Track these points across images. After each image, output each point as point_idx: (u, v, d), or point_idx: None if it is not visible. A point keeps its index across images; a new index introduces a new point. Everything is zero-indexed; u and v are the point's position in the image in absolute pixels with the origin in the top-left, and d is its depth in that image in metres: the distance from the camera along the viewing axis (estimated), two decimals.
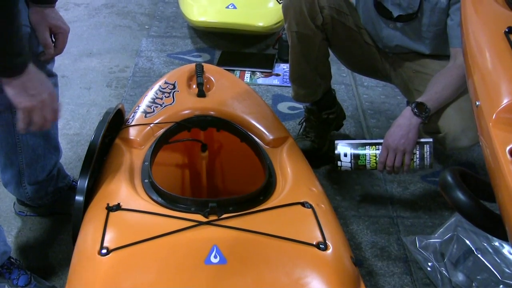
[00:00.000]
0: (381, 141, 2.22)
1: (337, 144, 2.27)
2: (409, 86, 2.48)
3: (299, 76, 2.56)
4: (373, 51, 2.52)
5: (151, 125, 2.01)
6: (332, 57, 2.58)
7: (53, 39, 1.96)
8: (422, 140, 2.21)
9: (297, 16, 2.36)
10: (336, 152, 2.27)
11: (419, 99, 2.20)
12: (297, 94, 2.63)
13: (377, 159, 2.23)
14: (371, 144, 2.25)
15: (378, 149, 2.22)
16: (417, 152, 2.20)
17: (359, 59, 2.59)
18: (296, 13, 2.35)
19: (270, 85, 3.39)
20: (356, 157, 2.25)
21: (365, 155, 2.24)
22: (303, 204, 1.66)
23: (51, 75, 2.07)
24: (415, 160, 2.21)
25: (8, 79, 1.57)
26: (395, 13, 2.36)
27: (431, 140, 2.22)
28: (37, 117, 1.66)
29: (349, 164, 2.26)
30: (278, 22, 3.60)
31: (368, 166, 2.25)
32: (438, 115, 2.22)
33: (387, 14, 2.38)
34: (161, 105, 2.10)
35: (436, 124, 2.23)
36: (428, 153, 2.20)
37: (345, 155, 2.26)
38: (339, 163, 2.27)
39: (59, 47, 1.98)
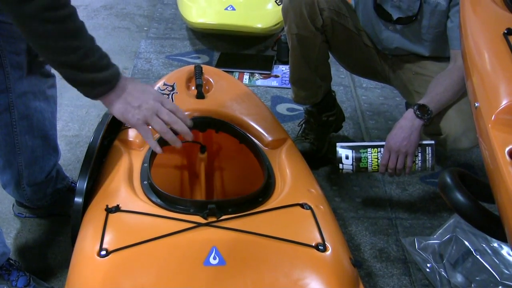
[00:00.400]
0: (383, 143, 2.22)
1: (339, 146, 2.27)
2: (409, 88, 2.49)
3: (299, 78, 2.56)
4: (373, 53, 2.52)
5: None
6: (331, 59, 2.58)
7: None
8: (424, 142, 2.20)
9: (297, 18, 2.36)
10: (337, 155, 2.26)
11: (420, 101, 2.20)
12: (297, 96, 2.63)
13: (379, 161, 2.22)
14: (372, 147, 2.25)
15: (380, 152, 2.22)
16: (419, 154, 2.20)
17: (358, 61, 2.59)
18: (296, 16, 2.35)
19: (269, 87, 3.39)
20: (357, 159, 2.24)
21: (366, 157, 2.24)
22: (302, 205, 1.66)
23: (50, 75, 2.08)
24: (417, 162, 2.21)
25: (103, 99, 1.59)
26: (395, 15, 2.36)
27: (433, 142, 2.22)
28: (158, 126, 1.64)
29: (351, 167, 2.26)
30: (277, 24, 3.61)
31: (369, 168, 2.25)
32: (439, 117, 2.23)
33: (387, 17, 2.38)
34: None
35: (437, 126, 2.23)
36: (430, 155, 2.20)
37: (347, 157, 2.25)
38: (340, 165, 2.27)
39: None
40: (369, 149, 2.24)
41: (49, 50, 1.54)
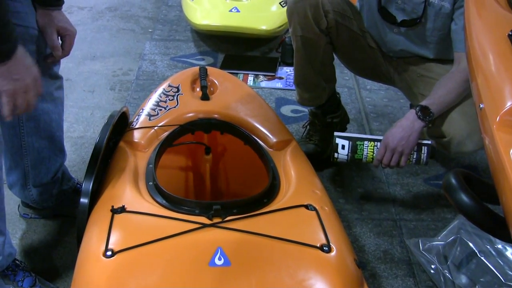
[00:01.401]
0: (381, 138, 2.24)
1: (336, 136, 2.29)
2: (414, 89, 2.49)
3: (304, 80, 2.56)
4: (377, 55, 2.53)
5: (155, 128, 2.02)
6: (335, 61, 2.58)
7: (60, 41, 1.97)
8: (422, 141, 2.21)
9: (301, 20, 2.36)
10: (334, 143, 2.28)
11: (423, 103, 2.21)
12: (301, 98, 2.64)
13: (374, 155, 2.24)
14: (370, 140, 2.26)
15: (377, 146, 2.24)
16: (415, 152, 2.22)
17: (363, 63, 2.59)
18: (301, 18, 2.36)
19: (273, 88, 3.39)
20: (353, 150, 2.26)
21: (362, 149, 2.25)
22: (306, 206, 1.66)
23: (57, 77, 2.09)
24: (411, 159, 2.23)
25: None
26: (399, 18, 2.37)
27: (430, 142, 2.23)
28: (20, 101, 1.66)
29: (346, 157, 2.28)
30: (281, 26, 3.61)
31: (364, 160, 2.27)
32: (443, 120, 2.23)
33: (391, 19, 2.38)
34: (165, 108, 2.10)
35: (440, 129, 2.24)
36: (425, 154, 2.22)
37: (343, 147, 2.27)
38: (335, 154, 2.29)
39: (66, 49, 1.99)
40: (366, 142, 2.26)
41: None
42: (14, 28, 1.56)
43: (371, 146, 2.24)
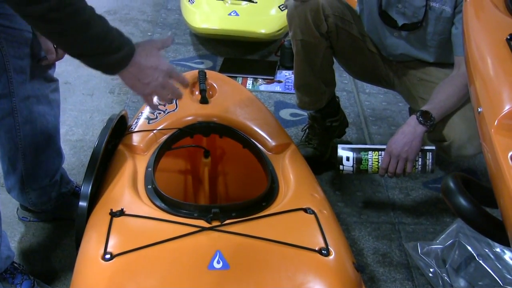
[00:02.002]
0: (384, 146, 2.23)
1: (340, 148, 2.28)
2: (414, 94, 2.49)
3: (304, 83, 2.56)
4: (377, 58, 2.53)
5: (154, 131, 2.02)
6: (334, 64, 2.58)
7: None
8: (425, 147, 2.21)
9: (302, 24, 2.36)
10: (338, 156, 2.27)
11: (424, 108, 2.21)
12: (301, 101, 2.64)
13: (379, 164, 2.23)
14: (373, 150, 2.25)
15: (381, 155, 2.23)
16: (420, 159, 2.20)
17: (363, 67, 2.59)
18: (301, 22, 2.36)
19: (272, 92, 3.40)
20: (358, 161, 2.25)
21: (367, 160, 2.24)
22: (305, 210, 1.66)
23: (52, 80, 2.09)
24: (417, 166, 2.21)
25: (115, 74, 1.64)
26: (400, 21, 2.37)
27: (434, 148, 2.22)
28: (162, 97, 1.76)
29: (351, 168, 2.26)
30: (280, 29, 3.61)
31: (369, 171, 2.26)
32: (444, 124, 2.23)
33: (392, 23, 2.38)
34: (164, 112, 2.11)
35: (441, 133, 2.24)
36: (430, 160, 2.20)
37: (347, 159, 2.26)
38: (341, 167, 2.27)
39: (60, 53, 2.00)
40: (370, 152, 2.25)
41: (61, 45, 1.62)
42: (119, 38, 1.58)
43: (375, 155, 2.24)
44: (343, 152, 2.27)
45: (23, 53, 1.91)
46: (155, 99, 1.81)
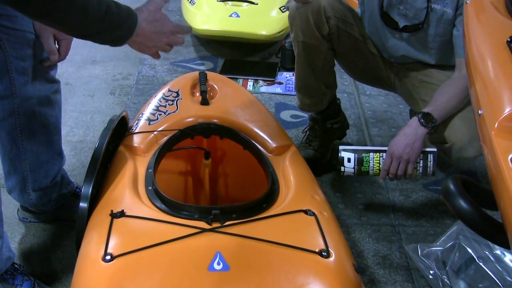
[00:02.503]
0: (385, 148, 2.23)
1: (341, 149, 2.28)
2: (415, 95, 2.49)
3: (305, 85, 2.56)
4: (378, 60, 2.53)
5: (155, 132, 2.02)
6: (335, 66, 2.58)
7: (57, 45, 1.98)
8: (427, 149, 2.21)
9: (303, 26, 2.37)
10: (340, 158, 2.26)
11: (425, 109, 2.21)
12: (302, 103, 2.64)
13: (380, 166, 2.23)
14: (375, 151, 2.25)
15: (382, 156, 2.23)
16: (421, 161, 2.20)
17: (364, 69, 2.59)
18: (303, 23, 2.36)
19: (273, 93, 3.40)
20: (359, 163, 2.25)
21: (368, 161, 2.24)
22: (306, 211, 1.66)
23: (54, 81, 2.09)
24: (418, 168, 2.21)
25: (122, 46, 1.72)
26: (401, 23, 2.37)
27: (435, 149, 2.22)
28: (167, 51, 1.83)
29: (352, 170, 2.26)
30: (281, 31, 3.62)
31: (371, 172, 2.25)
32: (445, 125, 2.23)
33: (393, 25, 2.39)
34: (164, 113, 2.11)
35: (442, 134, 2.24)
36: (431, 162, 2.20)
37: (349, 160, 2.26)
38: (342, 168, 2.27)
39: (62, 54, 2.00)
40: (371, 154, 2.25)
41: (64, 31, 1.71)
42: (119, 13, 1.64)
43: (377, 157, 2.23)
44: (345, 153, 2.26)
45: (25, 54, 1.91)
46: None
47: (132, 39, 1.68)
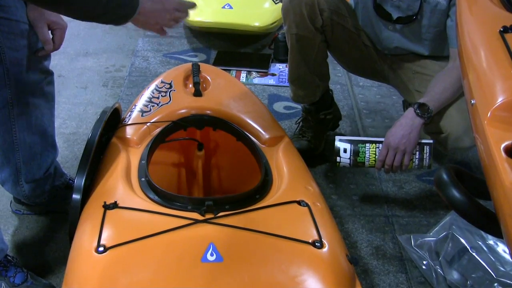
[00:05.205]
0: (382, 139, 2.23)
1: (337, 140, 2.27)
2: (409, 87, 2.49)
3: (298, 77, 2.56)
4: (372, 52, 2.53)
5: (148, 124, 2.02)
6: (328, 58, 2.58)
7: (51, 35, 1.98)
8: (423, 141, 2.21)
9: (297, 18, 2.36)
10: (335, 147, 2.26)
11: (421, 100, 2.21)
12: (295, 95, 2.64)
13: (376, 157, 2.23)
14: (371, 142, 2.25)
15: (378, 147, 2.22)
16: (417, 152, 2.20)
17: (357, 61, 2.59)
18: (296, 16, 2.36)
19: (266, 85, 3.40)
20: (355, 154, 2.24)
21: (364, 152, 2.24)
22: (299, 202, 1.67)
23: (48, 72, 2.08)
24: (414, 160, 2.21)
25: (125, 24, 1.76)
26: (395, 15, 2.37)
27: (431, 141, 2.22)
28: (170, 27, 1.89)
29: (348, 161, 2.26)
30: (274, 22, 3.61)
31: (367, 163, 2.25)
32: (440, 116, 2.23)
33: (387, 16, 2.39)
34: (157, 104, 2.11)
35: (437, 125, 2.24)
36: (427, 154, 2.20)
37: (345, 151, 2.25)
38: (338, 158, 2.27)
39: (57, 43, 2.00)
40: (367, 144, 2.24)
41: (68, 15, 1.69)
42: None
43: (373, 148, 2.23)
44: (341, 143, 2.26)
45: (19, 45, 1.90)
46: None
47: (135, 17, 1.72)
